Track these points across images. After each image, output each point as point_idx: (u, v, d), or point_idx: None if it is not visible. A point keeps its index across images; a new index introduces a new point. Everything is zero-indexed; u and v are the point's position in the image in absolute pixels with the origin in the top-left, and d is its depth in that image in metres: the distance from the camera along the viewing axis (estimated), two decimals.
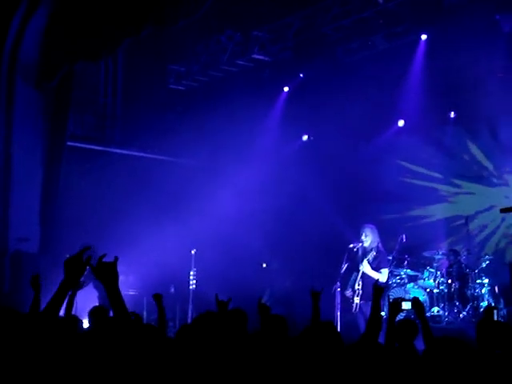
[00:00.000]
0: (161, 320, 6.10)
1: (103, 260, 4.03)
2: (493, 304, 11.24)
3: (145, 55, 13.90)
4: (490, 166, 13.09)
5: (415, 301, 5.25)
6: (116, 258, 4.04)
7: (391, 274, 11.51)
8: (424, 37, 12.36)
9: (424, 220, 13.67)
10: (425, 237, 13.18)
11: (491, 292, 11.44)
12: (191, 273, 12.37)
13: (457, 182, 13.62)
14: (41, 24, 11.19)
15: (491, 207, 12.74)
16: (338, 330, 5.47)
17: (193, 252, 12.42)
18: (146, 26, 10.61)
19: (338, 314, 10.33)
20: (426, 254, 12.44)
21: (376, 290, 5.48)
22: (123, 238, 11.66)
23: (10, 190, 11.36)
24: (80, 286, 6.71)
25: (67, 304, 6.28)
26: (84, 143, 13.79)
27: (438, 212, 13.69)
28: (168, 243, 12.35)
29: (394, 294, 11.36)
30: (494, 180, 13.04)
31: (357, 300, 10.00)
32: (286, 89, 14.36)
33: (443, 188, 13.75)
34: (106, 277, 4.03)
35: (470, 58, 11.37)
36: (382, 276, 10.19)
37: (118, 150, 14.22)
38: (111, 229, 12.35)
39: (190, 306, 12.21)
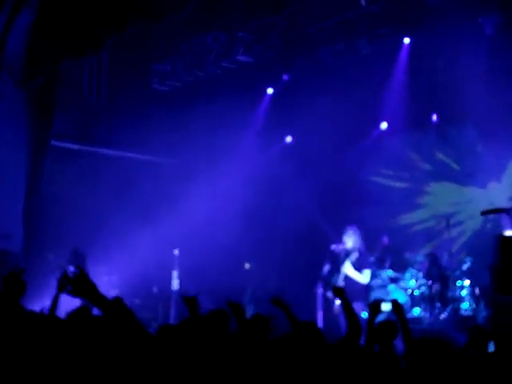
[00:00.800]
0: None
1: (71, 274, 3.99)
2: (474, 305, 11.31)
3: (129, 54, 13.86)
4: (474, 168, 13.15)
5: (394, 303, 5.29)
6: (81, 271, 3.96)
7: (373, 276, 11.55)
8: (407, 40, 12.43)
9: (406, 222, 13.73)
10: (407, 238, 13.24)
11: (472, 294, 11.52)
12: (174, 273, 12.36)
13: (439, 184, 13.69)
14: (26, 22, 11.15)
15: (473, 209, 12.79)
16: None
17: (175, 252, 12.41)
18: (131, 24, 10.60)
19: (320, 314, 10.38)
20: (407, 255, 12.50)
21: (335, 292, 5.54)
22: (107, 238, 11.64)
23: None
24: (60, 292, 6.67)
25: (51, 305, 6.27)
26: (67, 142, 13.74)
27: (419, 214, 13.76)
28: (151, 243, 12.35)
29: (375, 295, 11.39)
30: (477, 182, 13.11)
31: (338, 301, 10.04)
32: (269, 90, 14.39)
33: (425, 190, 13.81)
34: (83, 291, 4.00)
35: (453, 60, 11.45)
36: (364, 277, 10.25)
37: (102, 149, 14.17)
38: (94, 228, 12.32)
39: (173, 306, 12.20)
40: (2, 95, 11.30)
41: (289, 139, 14.80)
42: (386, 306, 5.29)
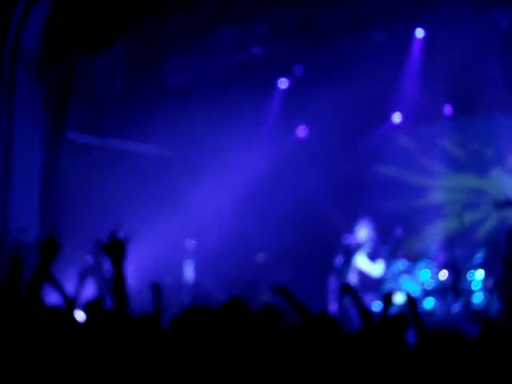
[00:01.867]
0: (157, 311, 6.14)
1: (114, 236, 4.21)
2: (487, 298, 11.33)
3: (143, 47, 13.87)
4: (488, 159, 13.17)
5: (409, 297, 5.34)
6: (127, 239, 4.21)
7: (386, 267, 11.59)
8: (421, 31, 12.46)
9: (420, 212, 13.73)
10: (420, 229, 13.27)
11: (485, 286, 11.52)
12: (188, 264, 12.43)
13: (453, 174, 13.69)
14: (41, 17, 11.24)
15: (487, 200, 12.80)
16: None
17: (190, 243, 12.49)
18: (145, 21, 10.68)
19: (333, 306, 10.43)
20: (420, 246, 12.53)
21: (343, 289, 5.57)
22: (121, 230, 11.66)
23: (9, 181, 11.44)
24: (82, 283, 6.75)
25: (72, 299, 6.33)
26: (80, 134, 13.79)
27: (433, 204, 13.77)
28: (164, 234, 12.43)
29: (388, 286, 11.43)
30: (492, 173, 13.13)
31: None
32: (282, 83, 14.38)
33: (440, 180, 13.82)
34: (114, 253, 4.19)
35: (468, 52, 11.46)
36: (377, 268, 10.32)
37: (115, 142, 14.22)
38: (110, 218, 12.36)
39: (187, 298, 12.28)
40: (18, 88, 11.40)
41: (301, 131, 14.81)
42: (399, 299, 5.34)
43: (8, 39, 11.26)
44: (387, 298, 5.44)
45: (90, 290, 9.82)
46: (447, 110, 13.38)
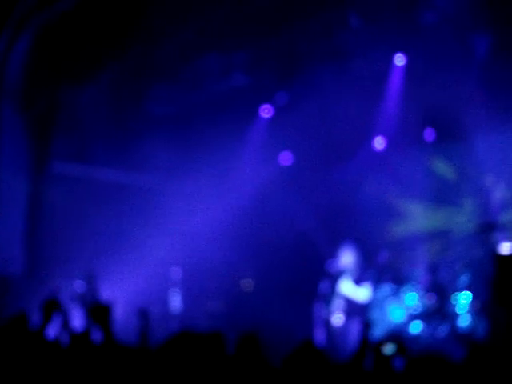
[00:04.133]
0: (144, 338, 6.13)
1: (97, 302, 4.25)
2: (473, 319, 11.35)
3: (127, 75, 13.92)
4: (470, 183, 13.28)
5: (399, 345, 5.35)
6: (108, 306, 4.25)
7: (371, 291, 11.59)
8: (401, 60, 12.66)
9: (404, 236, 13.81)
10: (405, 253, 13.32)
11: (470, 307, 11.55)
12: (172, 293, 12.43)
13: (436, 198, 13.78)
14: (25, 49, 11.31)
15: (472, 223, 12.87)
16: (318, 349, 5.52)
17: (175, 271, 12.49)
18: (129, 52, 10.78)
19: (318, 333, 10.41)
20: (406, 270, 12.56)
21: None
22: (108, 260, 11.68)
23: None
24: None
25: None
26: (66, 163, 13.77)
27: (418, 228, 13.84)
28: (149, 263, 12.43)
29: (372, 314, 11.39)
30: (474, 196, 13.23)
31: (336, 319, 10.12)
32: (265, 111, 14.47)
33: (423, 204, 13.91)
34: (100, 318, 4.23)
35: (447, 79, 11.60)
36: (363, 293, 10.32)
37: (101, 171, 14.22)
38: (95, 248, 12.37)
39: (173, 326, 12.26)
40: (2, 121, 11.43)
41: (284, 158, 14.87)
42: (388, 348, 5.34)
43: None
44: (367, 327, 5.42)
45: (77, 320, 9.80)
46: (428, 134, 13.53)
